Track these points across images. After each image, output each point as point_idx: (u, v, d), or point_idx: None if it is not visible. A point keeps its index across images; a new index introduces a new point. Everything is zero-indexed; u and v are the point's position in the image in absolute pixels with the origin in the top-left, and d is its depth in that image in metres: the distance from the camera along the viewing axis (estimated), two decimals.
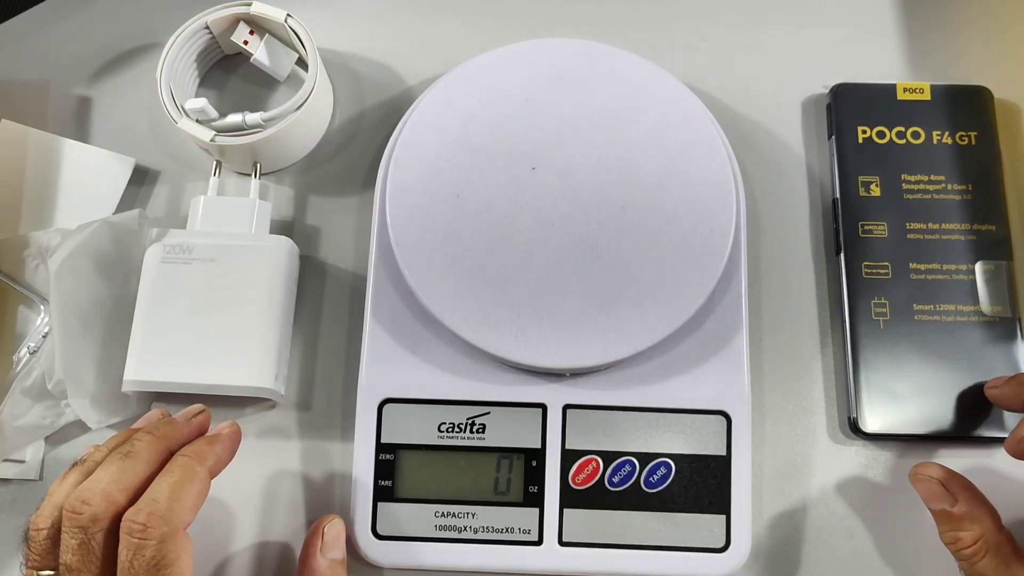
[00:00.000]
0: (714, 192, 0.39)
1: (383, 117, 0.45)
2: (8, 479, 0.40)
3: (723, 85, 0.45)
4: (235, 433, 0.35)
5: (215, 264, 0.39)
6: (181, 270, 0.39)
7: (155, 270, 0.39)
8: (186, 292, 0.38)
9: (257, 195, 0.42)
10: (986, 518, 0.34)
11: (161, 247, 0.39)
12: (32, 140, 0.44)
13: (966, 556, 0.34)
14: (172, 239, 0.39)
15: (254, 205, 0.41)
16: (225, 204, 0.41)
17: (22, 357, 0.40)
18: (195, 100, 0.41)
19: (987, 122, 0.43)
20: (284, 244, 0.40)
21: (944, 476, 0.36)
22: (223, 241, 0.39)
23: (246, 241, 0.40)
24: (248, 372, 0.38)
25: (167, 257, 0.39)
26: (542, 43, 0.42)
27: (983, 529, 0.34)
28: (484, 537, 0.38)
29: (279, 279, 0.39)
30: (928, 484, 0.36)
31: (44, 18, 0.47)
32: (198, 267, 0.39)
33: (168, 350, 0.38)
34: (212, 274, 0.39)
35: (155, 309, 0.38)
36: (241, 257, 0.39)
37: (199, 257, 0.39)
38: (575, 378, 0.39)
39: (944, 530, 0.35)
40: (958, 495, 0.35)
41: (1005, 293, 0.41)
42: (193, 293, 0.38)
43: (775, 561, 0.39)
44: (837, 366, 0.41)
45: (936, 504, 0.35)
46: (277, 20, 0.42)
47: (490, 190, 0.39)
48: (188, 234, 0.40)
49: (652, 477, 0.38)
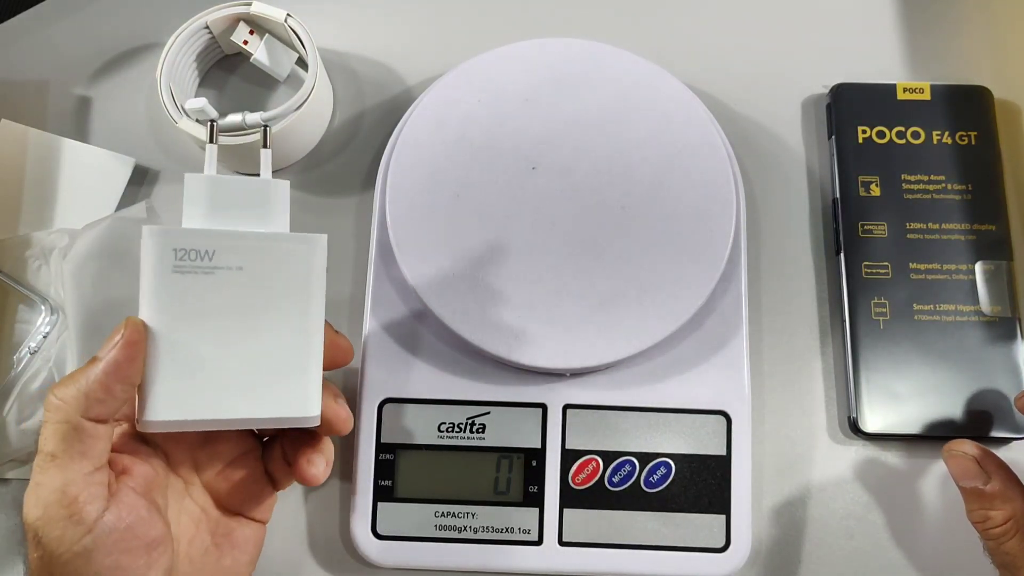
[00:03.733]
0: (714, 192, 0.39)
1: (383, 117, 0.45)
2: (8, 479, 0.40)
3: (723, 85, 0.45)
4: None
5: (243, 272, 0.31)
6: (201, 281, 0.31)
7: (165, 281, 0.30)
8: (211, 309, 0.31)
9: (270, 172, 0.33)
10: (1019, 498, 0.34)
11: (170, 252, 0.30)
12: (32, 140, 0.44)
13: (994, 536, 0.34)
14: (184, 241, 0.31)
15: (268, 187, 0.33)
16: (234, 186, 0.32)
17: (23, 357, 0.40)
18: (195, 100, 0.41)
19: (987, 122, 0.43)
20: (321, 244, 0.32)
21: (979, 454, 0.35)
22: (250, 242, 0.31)
23: (278, 242, 0.32)
24: (293, 400, 0.32)
25: (180, 265, 0.30)
26: (542, 43, 0.42)
27: (1015, 509, 0.34)
28: (484, 537, 0.38)
29: (316, 286, 0.32)
30: (962, 461, 0.35)
31: (44, 18, 0.47)
32: (223, 277, 0.31)
33: (196, 381, 0.31)
34: (240, 285, 0.31)
35: (173, 331, 0.30)
36: (274, 262, 0.32)
37: (223, 265, 0.31)
38: (575, 378, 0.39)
39: (973, 508, 0.35)
40: (992, 474, 0.34)
41: (1005, 293, 0.41)
42: (219, 310, 0.31)
43: (775, 561, 0.39)
44: (837, 366, 0.41)
45: (968, 482, 0.35)
46: (277, 20, 0.42)
47: (490, 190, 0.39)
48: (206, 235, 0.31)
49: (652, 477, 0.38)
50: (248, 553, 0.35)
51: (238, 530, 0.35)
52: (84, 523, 0.29)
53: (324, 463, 0.34)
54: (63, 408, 0.29)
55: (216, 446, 0.34)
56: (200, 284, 0.31)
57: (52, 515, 0.28)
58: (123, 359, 0.29)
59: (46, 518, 0.28)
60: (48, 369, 0.40)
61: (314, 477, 0.33)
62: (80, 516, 0.28)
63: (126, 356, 0.29)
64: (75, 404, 0.29)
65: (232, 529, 0.35)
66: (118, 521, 0.29)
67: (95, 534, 0.29)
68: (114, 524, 0.29)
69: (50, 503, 0.28)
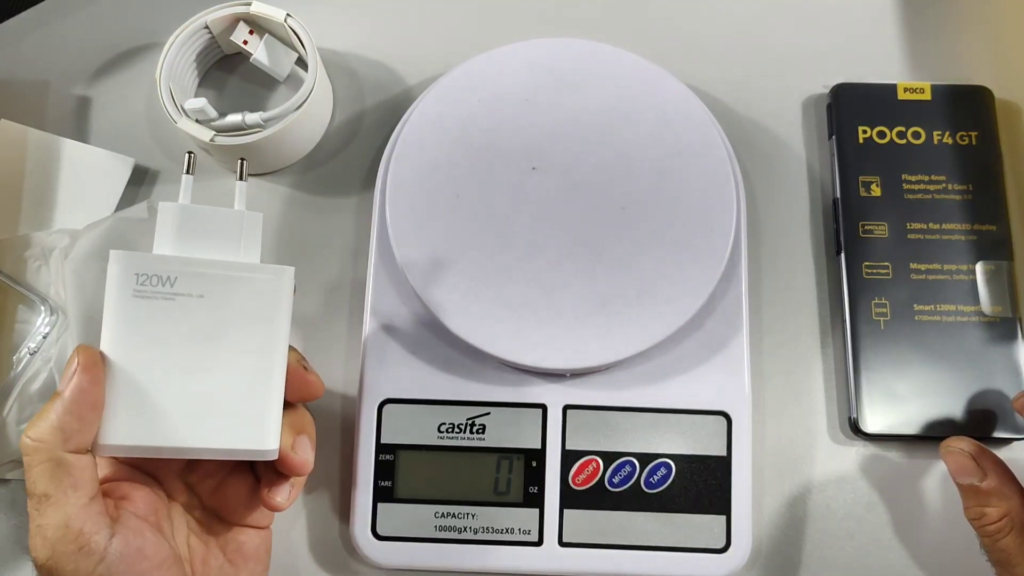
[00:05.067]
0: (714, 192, 0.39)
1: (383, 117, 0.45)
2: (8, 479, 0.40)
3: (723, 85, 0.45)
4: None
5: (204, 301, 0.31)
6: (161, 307, 0.30)
7: (125, 305, 0.30)
8: (169, 336, 0.31)
9: (244, 203, 0.33)
10: (1015, 496, 0.34)
11: (132, 276, 0.30)
12: (32, 140, 0.44)
13: (990, 532, 0.34)
14: (146, 266, 0.31)
15: (242, 219, 0.32)
16: (206, 216, 0.32)
17: (23, 357, 0.40)
18: (195, 100, 0.41)
19: (988, 122, 0.43)
20: (287, 276, 0.32)
21: (976, 450, 0.35)
22: (214, 271, 0.31)
23: (242, 272, 0.32)
24: (249, 433, 0.31)
25: (141, 290, 0.30)
26: (542, 43, 0.42)
27: (1010, 506, 0.34)
28: (484, 538, 0.38)
29: (281, 319, 0.32)
30: (959, 457, 0.35)
31: (44, 18, 0.47)
32: (183, 304, 0.31)
33: (149, 408, 0.30)
34: (201, 313, 0.31)
35: (130, 356, 0.30)
36: (237, 292, 0.31)
37: (183, 292, 0.31)
38: (575, 378, 0.39)
39: (970, 505, 0.35)
40: (988, 470, 0.35)
41: (1006, 293, 0.41)
42: (178, 337, 0.31)
43: (775, 561, 0.39)
44: (837, 366, 0.41)
45: (965, 478, 0.35)
46: (277, 20, 0.42)
47: (490, 190, 0.39)
48: (167, 261, 0.31)
49: (652, 477, 0.38)
50: (262, 562, 0.35)
51: (247, 542, 0.35)
52: (95, 553, 0.29)
53: (288, 491, 0.33)
54: (42, 448, 0.29)
55: (204, 466, 0.35)
56: (160, 310, 0.31)
57: (62, 551, 0.28)
58: (87, 383, 0.29)
59: (56, 556, 0.28)
60: (48, 370, 0.40)
61: (277, 506, 0.33)
62: (89, 547, 0.29)
63: (89, 379, 0.29)
64: (53, 440, 0.29)
65: (241, 543, 0.35)
66: (127, 545, 0.29)
67: (108, 561, 0.29)
68: (123, 549, 0.29)
69: (57, 540, 0.28)
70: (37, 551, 0.29)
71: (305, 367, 0.34)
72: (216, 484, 0.35)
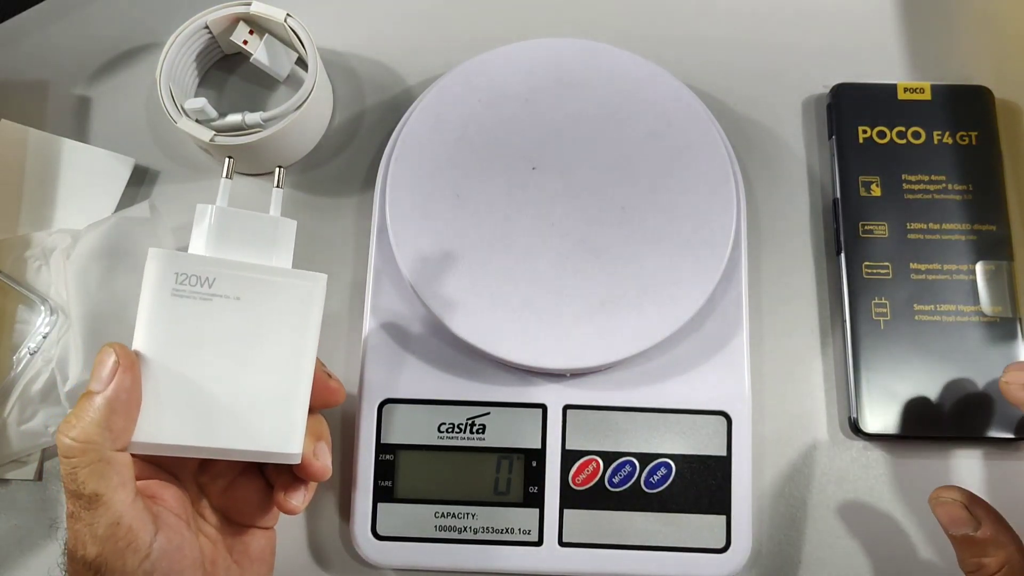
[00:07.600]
0: (714, 192, 0.39)
1: (383, 117, 0.45)
2: (8, 479, 0.40)
3: (723, 85, 0.45)
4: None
5: (241, 303, 0.32)
6: (198, 307, 0.31)
7: (163, 304, 0.31)
8: (204, 336, 0.31)
9: (279, 209, 0.34)
10: (1010, 543, 0.33)
11: (171, 275, 0.31)
12: (32, 140, 0.44)
13: None
14: (186, 266, 0.31)
15: (276, 224, 0.33)
16: (243, 220, 0.33)
17: (23, 358, 0.40)
18: (195, 100, 0.41)
19: (987, 122, 0.43)
20: (321, 283, 0.33)
21: (967, 499, 0.34)
22: (252, 274, 0.32)
23: (278, 276, 0.32)
24: (276, 436, 0.32)
25: (180, 289, 0.31)
26: (542, 43, 0.42)
27: (1008, 554, 0.32)
28: (484, 538, 0.38)
29: (312, 325, 0.33)
30: (951, 508, 0.34)
31: (44, 18, 0.47)
32: (220, 305, 0.31)
33: (182, 406, 0.31)
34: (236, 315, 0.31)
35: (165, 354, 0.31)
36: (273, 296, 0.32)
37: (221, 293, 0.31)
38: (575, 378, 0.39)
39: (966, 557, 0.33)
40: (982, 519, 0.33)
41: (1006, 293, 0.41)
42: (212, 337, 0.31)
43: (775, 561, 0.39)
44: (837, 366, 0.41)
45: (959, 529, 0.34)
46: (277, 20, 0.42)
47: (490, 190, 0.39)
48: (207, 262, 0.31)
49: (652, 478, 0.38)
50: (267, 563, 0.35)
51: (252, 543, 0.35)
52: (141, 550, 0.29)
53: (303, 495, 0.34)
54: (90, 448, 0.29)
55: (216, 466, 0.35)
56: (197, 310, 0.31)
57: (111, 549, 0.29)
58: (130, 382, 0.30)
59: (105, 553, 0.29)
60: (49, 370, 0.40)
61: (293, 509, 0.34)
62: (136, 544, 0.29)
63: (131, 378, 0.30)
64: (102, 440, 0.29)
65: (247, 544, 0.35)
66: (168, 543, 0.30)
67: (152, 559, 0.29)
68: (165, 546, 0.30)
69: (106, 538, 0.29)
70: (86, 548, 0.29)
71: (328, 374, 0.34)
72: (226, 485, 0.35)
